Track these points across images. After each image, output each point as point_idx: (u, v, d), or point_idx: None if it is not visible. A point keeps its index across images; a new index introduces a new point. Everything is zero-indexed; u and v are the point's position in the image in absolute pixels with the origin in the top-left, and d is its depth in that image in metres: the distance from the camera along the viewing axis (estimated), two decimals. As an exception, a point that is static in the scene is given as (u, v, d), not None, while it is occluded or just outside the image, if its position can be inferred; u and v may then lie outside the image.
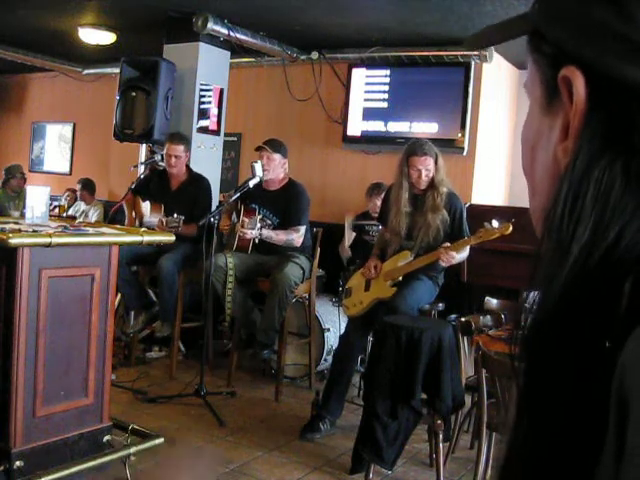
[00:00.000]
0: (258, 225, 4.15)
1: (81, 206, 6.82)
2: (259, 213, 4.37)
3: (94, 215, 6.63)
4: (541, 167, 0.53)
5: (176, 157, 4.69)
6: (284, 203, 4.37)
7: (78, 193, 6.88)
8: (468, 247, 3.78)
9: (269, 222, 4.37)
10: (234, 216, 4.47)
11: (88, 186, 6.87)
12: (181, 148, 4.72)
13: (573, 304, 0.46)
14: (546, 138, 0.52)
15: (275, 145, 4.39)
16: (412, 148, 3.79)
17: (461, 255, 3.77)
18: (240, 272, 4.27)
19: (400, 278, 3.79)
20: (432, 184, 3.78)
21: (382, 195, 5.00)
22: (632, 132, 0.45)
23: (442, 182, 3.78)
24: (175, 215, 4.31)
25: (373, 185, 5.16)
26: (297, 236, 4.33)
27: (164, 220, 4.34)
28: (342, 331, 4.30)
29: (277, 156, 4.35)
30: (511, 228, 3.47)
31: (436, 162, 3.77)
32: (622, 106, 0.45)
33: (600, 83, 0.46)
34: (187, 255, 4.49)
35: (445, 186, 3.79)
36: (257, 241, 4.25)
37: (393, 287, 3.79)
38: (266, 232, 4.23)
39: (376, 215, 4.62)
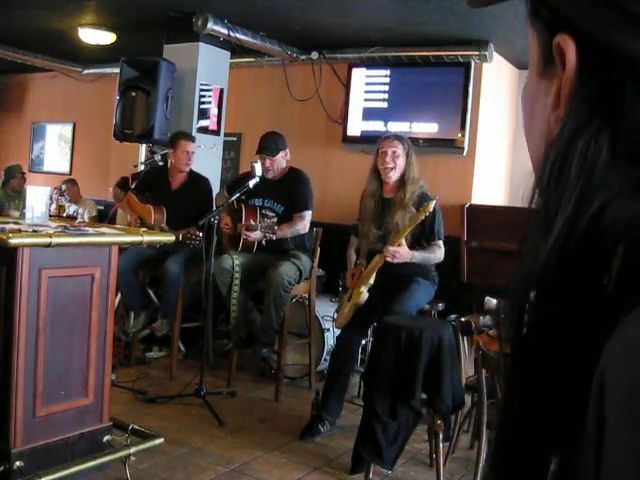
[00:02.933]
0: (259, 232, 4.12)
1: (70, 208, 6.75)
2: (262, 205, 4.36)
3: (85, 213, 6.59)
4: (538, 133, 0.53)
5: (193, 153, 4.76)
6: (288, 190, 4.36)
7: (66, 194, 6.79)
8: (440, 250, 3.75)
9: (271, 214, 4.33)
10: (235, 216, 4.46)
11: (73, 182, 6.83)
12: (195, 145, 4.78)
13: (558, 275, 0.45)
14: (542, 102, 0.52)
15: (273, 147, 4.35)
16: (382, 138, 3.83)
17: (424, 255, 3.71)
18: (243, 271, 4.26)
19: (371, 282, 3.72)
20: (402, 182, 3.73)
21: None
22: (620, 103, 0.44)
23: (413, 180, 3.71)
24: (192, 231, 4.27)
25: None
26: (302, 224, 4.32)
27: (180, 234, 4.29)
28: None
29: (279, 156, 4.36)
30: (432, 204, 3.49)
31: (407, 155, 3.73)
32: (612, 77, 0.44)
33: (591, 52, 0.45)
34: (191, 256, 4.48)
35: (417, 186, 3.73)
36: (264, 242, 4.23)
37: (367, 292, 3.74)
38: (268, 235, 4.19)
39: None
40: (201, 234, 4.22)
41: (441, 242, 3.79)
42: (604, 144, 0.44)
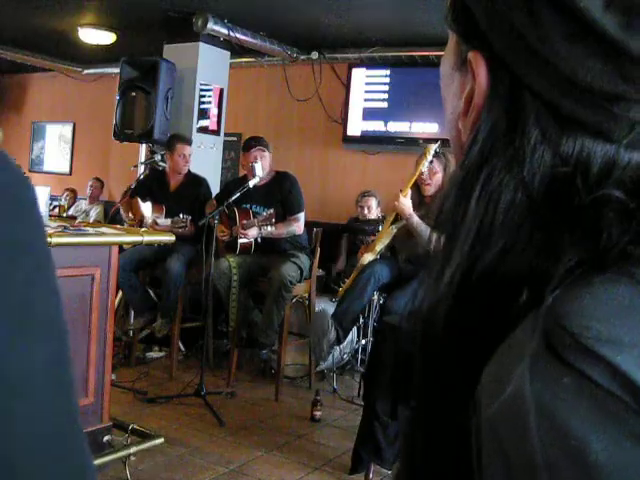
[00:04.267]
0: (256, 227, 4.13)
1: (82, 205, 6.84)
2: (251, 210, 4.37)
3: (94, 214, 6.64)
4: (448, 118, 0.50)
5: (189, 156, 4.77)
6: (278, 194, 4.37)
7: (89, 189, 6.90)
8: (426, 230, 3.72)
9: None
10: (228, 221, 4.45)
11: (101, 183, 6.97)
12: (191, 148, 4.80)
13: (457, 308, 0.43)
14: (454, 90, 0.49)
15: (265, 143, 4.41)
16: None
17: (423, 227, 3.62)
18: (242, 273, 4.26)
19: (377, 248, 3.79)
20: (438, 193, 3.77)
21: (366, 200, 5.04)
22: (522, 142, 0.40)
23: None
24: (181, 215, 4.32)
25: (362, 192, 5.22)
26: (297, 225, 4.35)
27: (170, 220, 4.37)
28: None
29: (267, 154, 4.40)
30: (432, 147, 3.57)
31: (445, 169, 3.77)
32: (518, 109, 0.41)
33: (502, 79, 0.42)
34: (193, 256, 4.49)
35: None
36: (259, 240, 4.24)
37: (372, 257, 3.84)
38: (265, 230, 4.21)
39: (366, 219, 4.76)
40: (189, 217, 4.29)
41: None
42: (508, 182, 0.40)
